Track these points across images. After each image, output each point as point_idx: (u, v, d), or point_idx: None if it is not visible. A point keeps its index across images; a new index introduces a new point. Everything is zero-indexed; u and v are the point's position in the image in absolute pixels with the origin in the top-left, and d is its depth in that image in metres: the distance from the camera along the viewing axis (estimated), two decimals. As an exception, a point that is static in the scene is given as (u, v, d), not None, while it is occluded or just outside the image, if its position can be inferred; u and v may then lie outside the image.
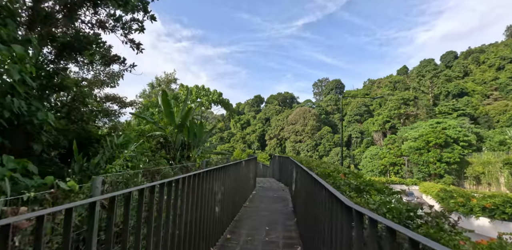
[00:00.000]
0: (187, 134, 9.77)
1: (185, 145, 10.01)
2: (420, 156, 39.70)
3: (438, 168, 38.09)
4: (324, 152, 64.38)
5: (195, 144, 9.81)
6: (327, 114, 75.83)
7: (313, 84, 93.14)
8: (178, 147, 9.38)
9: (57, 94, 6.52)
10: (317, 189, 2.32)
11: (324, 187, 1.84)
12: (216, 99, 15.80)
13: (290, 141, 69.22)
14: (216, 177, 3.50)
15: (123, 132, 9.73)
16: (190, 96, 15.12)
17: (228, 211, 4.14)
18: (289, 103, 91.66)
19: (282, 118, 75.51)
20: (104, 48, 6.85)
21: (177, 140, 9.37)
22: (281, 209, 5.82)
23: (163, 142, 8.80)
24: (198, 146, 9.92)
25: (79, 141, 6.39)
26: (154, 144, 8.56)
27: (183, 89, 16.08)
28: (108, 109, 9.06)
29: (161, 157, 8.49)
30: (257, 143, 76.59)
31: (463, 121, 46.16)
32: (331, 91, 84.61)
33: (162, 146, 8.88)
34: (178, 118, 9.13)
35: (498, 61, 64.97)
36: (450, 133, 39.73)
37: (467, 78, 65.91)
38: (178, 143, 9.52)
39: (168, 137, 9.33)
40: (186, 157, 9.94)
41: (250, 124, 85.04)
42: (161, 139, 8.75)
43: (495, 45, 78.04)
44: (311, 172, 2.96)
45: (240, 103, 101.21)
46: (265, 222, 4.62)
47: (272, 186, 9.48)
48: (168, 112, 9.10)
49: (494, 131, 46.36)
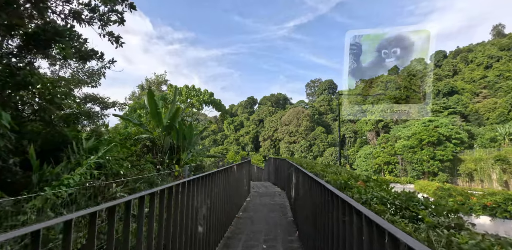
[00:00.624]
0: (175, 136, 9.10)
1: (174, 148, 9.33)
2: (413, 154, 39.82)
3: (431, 166, 38.26)
4: (318, 152, 64.21)
5: (185, 147, 9.14)
6: (320, 115, 75.86)
7: (306, 85, 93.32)
8: (167, 150, 8.70)
9: (27, 93, 5.79)
10: (336, 204, 1.74)
11: (359, 211, 1.25)
12: (207, 100, 15.13)
13: (284, 142, 68.85)
14: (200, 187, 2.86)
15: (109, 136, 9.00)
16: (179, 97, 14.43)
17: (217, 227, 3.48)
18: (282, 104, 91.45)
19: (276, 119, 75.15)
20: (79, 42, 6.14)
21: (165, 143, 8.68)
22: (279, 219, 5.21)
23: (149, 145, 8.10)
24: (188, 149, 9.25)
25: (53, 145, 5.66)
26: (139, 147, 7.86)
27: (172, 89, 15.27)
28: (89, 111, 8.30)
29: (148, 161, 7.79)
30: (251, 144, 75.96)
31: (455, 119, 46.68)
32: (324, 92, 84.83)
33: (148, 149, 8.19)
34: (166, 120, 8.45)
35: (486, 60, 66.33)
36: (442, 131, 40.01)
37: (456, 77, 67.02)
38: (166, 146, 8.83)
39: (155, 140, 8.64)
40: (175, 161, 9.26)
41: (244, 126, 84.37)
42: (147, 142, 8.05)
43: (482, 45, 79.75)
44: (322, 181, 2.38)
45: (233, 105, 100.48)
46: (262, 238, 3.98)
47: (267, 191, 8.82)
48: (155, 113, 8.41)
49: (485, 128, 47.05)
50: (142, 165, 7.00)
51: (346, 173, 3.55)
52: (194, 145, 9.60)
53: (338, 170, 3.81)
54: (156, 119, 8.52)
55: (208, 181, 3.15)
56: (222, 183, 3.94)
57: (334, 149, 61.43)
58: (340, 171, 3.60)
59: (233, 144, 75.81)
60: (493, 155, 38.20)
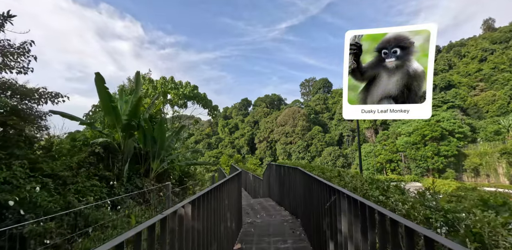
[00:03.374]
0: (142, 139, 6.84)
1: (141, 154, 7.07)
2: (417, 150, 38.11)
3: (436, 162, 36.55)
4: (316, 152, 62.24)
5: (156, 152, 6.90)
6: (316, 114, 74.10)
7: (300, 85, 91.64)
8: (128, 157, 6.43)
9: None
10: None
11: None
12: (189, 94, 12.59)
13: (281, 143, 66.75)
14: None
15: (59, 143, 6.71)
16: (152, 90, 11.77)
17: None
18: (277, 105, 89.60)
19: (271, 120, 73.10)
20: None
21: (126, 148, 6.42)
22: None
23: (100, 151, 5.85)
24: (161, 155, 7.00)
25: None
26: (84, 156, 5.61)
27: (143, 81, 12.69)
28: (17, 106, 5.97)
29: (95, 175, 5.52)
30: (247, 147, 73.68)
31: (455, 113, 45.32)
32: (319, 91, 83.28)
33: (100, 158, 5.93)
34: (124, 117, 6.21)
35: (480, 53, 65.77)
36: (444, 125, 38.47)
37: (452, 71, 66.17)
38: (128, 152, 6.57)
39: (112, 144, 6.38)
40: (143, 173, 6.99)
41: (239, 128, 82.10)
42: (96, 148, 5.80)
43: (473, 39, 79.58)
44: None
45: (227, 108, 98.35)
46: None
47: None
48: (109, 107, 6.16)
49: (486, 121, 45.76)
50: (81, 184, 4.74)
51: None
52: (170, 149, 7.36)
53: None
54: (112, 116, 6.29)
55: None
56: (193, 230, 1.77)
57: (332, 148, 59.54)
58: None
59: (228, 147, 73.40)
60: (499, 148, 36.76)
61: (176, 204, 1.76)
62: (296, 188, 4.54)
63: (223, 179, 3.26)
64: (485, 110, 50.66)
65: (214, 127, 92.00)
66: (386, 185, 2.41)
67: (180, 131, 7.66)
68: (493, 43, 70.51)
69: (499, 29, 77.84)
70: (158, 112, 8.75)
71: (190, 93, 12.31)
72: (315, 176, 3.15)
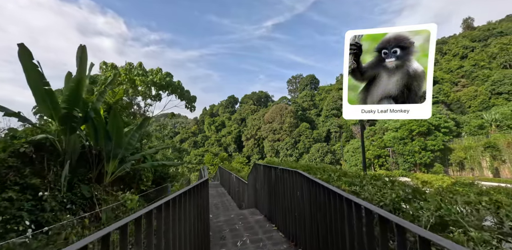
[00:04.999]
0: (93, 134, 5.29)
1: (93, 154, 5.51)
2: (404, 145, 38.10)
3: (424, 157, 36.66)
4: (304, 149, 61.68)
5: (111, 151, 5.36)
6: (303, 111, 73.55)
7: (287, 81, 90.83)
8: (72, 159, 4.87)
9: None
10: None
11: None
12: (160, 81, 10.17)
13: (268, 140, 65.71)
14: None
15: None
16: (111, 74, 9.34)
17: None
18: (264, 102, 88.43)
19: (258, 117, 71.83)
20: None
21: (67, 146, 4.85)
22: None
23: (28, 151, 4.29)
24: (117, 155, 5.46)
25: None
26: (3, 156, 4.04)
27: (105, 67, 10.60)
28: None
29: (16, 184, 3.95)
30: (234, 144, 72.16)
31: (440, 109, 45.87)
32: (306, 87, 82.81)
33: (28, 160, 4.37)
34: (62, 104, 4.63)
35: (462, 50, 67.47)
36: (431, 120, 38.64)
37: (435, 68, 67.44)
38: (72, 152, 5.00)
39: (49, 142, 4.80)
40: (95, 178, 5.43)
41: (225, 126, 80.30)
42: (22, 147, 4.23)
43: (454, 37, 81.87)
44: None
45: (214, 105, 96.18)
46: None
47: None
48: (40, 91, 4.56)
49: (469, 115, 46.67)
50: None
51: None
52: (131, 147, 5.82)
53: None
54: (47, 104, 4.70)
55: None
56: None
57: (320, 144, 59.12)
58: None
59: (214, 145, 71.58)
60: (482, 142, 37.37)
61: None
62: (297, 202, 3.14)
63: (173, 194, 1.87)
64: (467, 105, 51.79)
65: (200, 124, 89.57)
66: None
67: (144, 124, 6.13)
68: (472, 41, 72.57)
69: (478, 27, 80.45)
70: (118, 102, 7.11)
71: (162, 81, 10.33)
72: (337, 189, 1.82)
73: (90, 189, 4.83)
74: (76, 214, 4.26)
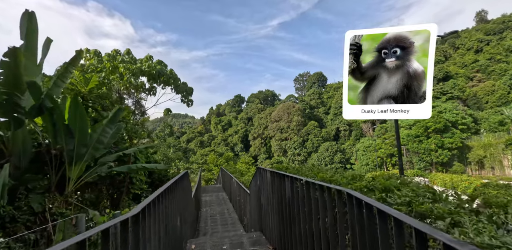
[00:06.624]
0: (51, 129, 4.17)
1: (50, 154, 4.39)
2: (419, 143, 36.22)
3: (440, 155, 34.70)
4: (313, 148, 60.09)
5: (74, 151, 4.23)
6: (311, 109, 71.88)
7: (294, 79, 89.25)
8: (19, 159, 3.76)
9: None
10: None
11: None
12: (149, 70, 8.71)
13: (276, 139, 64.36)
14: None
15: None
16: (93, 61, 8.42)
17: None
18: (271, 101, 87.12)
19: (265, 116, 70.58)
20: None
21: (15, 144, 3.74)
22: None
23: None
24: (83, 156, 4.33)
25: None
26: None
27: (88, 56, 8.68)
28: None
29: None
30: (240, 144, 71.09)
31: (456, 104, 43.68)
32: (314, 85, 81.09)
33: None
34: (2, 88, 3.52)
35: (476, 44, 64.69)
36: (447, 117, 36.67)
37: (448, 62, 64.86)
38: (22, 152, 3.89)
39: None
40: (54, 185, 4.31)
41: (232, 125, 79.35)
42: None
43: (467, 31, 78.70)
44: None
45: (220, 105, 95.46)
46: None
47: None
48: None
49: (488, 111, 44.31)
50: None
51: None
52: (99, 146, 4.61)
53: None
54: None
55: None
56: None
57: (329, 143, 57.42)
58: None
59: (221, 145, 70.68)
60: (503, 139, 35.14)
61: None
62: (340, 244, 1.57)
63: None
64: (484, 101, 49.30)
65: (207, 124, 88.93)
66: None
67: (117, 116, 4.91)
68: (486, 35, 69.52)
69: (492, 20, 77.11)
70: (93, 91, 5.89)
71: (152, 69, 8.76)
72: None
73: (43, 200, 3.66)
74: (17, 233, 3.15)
